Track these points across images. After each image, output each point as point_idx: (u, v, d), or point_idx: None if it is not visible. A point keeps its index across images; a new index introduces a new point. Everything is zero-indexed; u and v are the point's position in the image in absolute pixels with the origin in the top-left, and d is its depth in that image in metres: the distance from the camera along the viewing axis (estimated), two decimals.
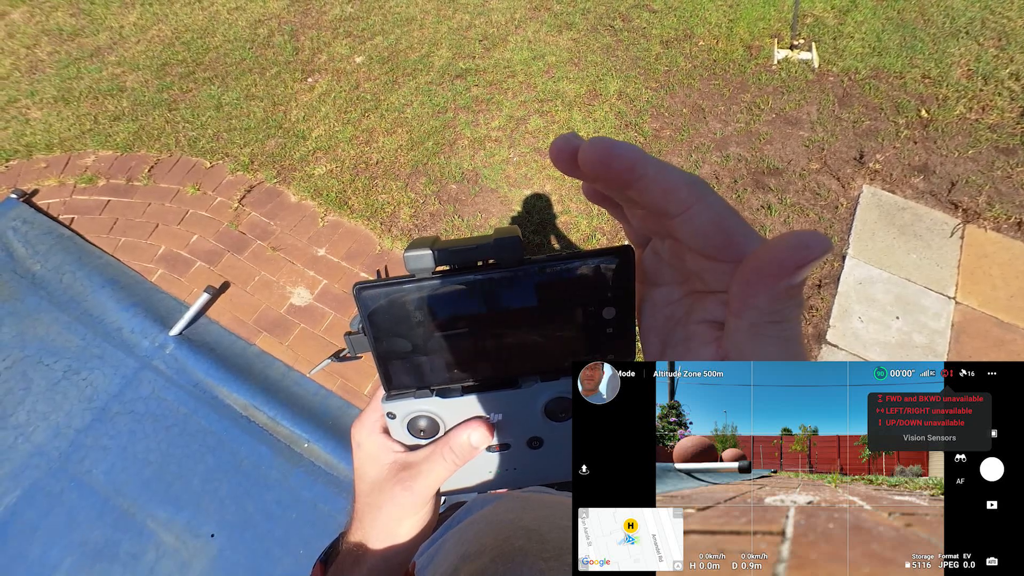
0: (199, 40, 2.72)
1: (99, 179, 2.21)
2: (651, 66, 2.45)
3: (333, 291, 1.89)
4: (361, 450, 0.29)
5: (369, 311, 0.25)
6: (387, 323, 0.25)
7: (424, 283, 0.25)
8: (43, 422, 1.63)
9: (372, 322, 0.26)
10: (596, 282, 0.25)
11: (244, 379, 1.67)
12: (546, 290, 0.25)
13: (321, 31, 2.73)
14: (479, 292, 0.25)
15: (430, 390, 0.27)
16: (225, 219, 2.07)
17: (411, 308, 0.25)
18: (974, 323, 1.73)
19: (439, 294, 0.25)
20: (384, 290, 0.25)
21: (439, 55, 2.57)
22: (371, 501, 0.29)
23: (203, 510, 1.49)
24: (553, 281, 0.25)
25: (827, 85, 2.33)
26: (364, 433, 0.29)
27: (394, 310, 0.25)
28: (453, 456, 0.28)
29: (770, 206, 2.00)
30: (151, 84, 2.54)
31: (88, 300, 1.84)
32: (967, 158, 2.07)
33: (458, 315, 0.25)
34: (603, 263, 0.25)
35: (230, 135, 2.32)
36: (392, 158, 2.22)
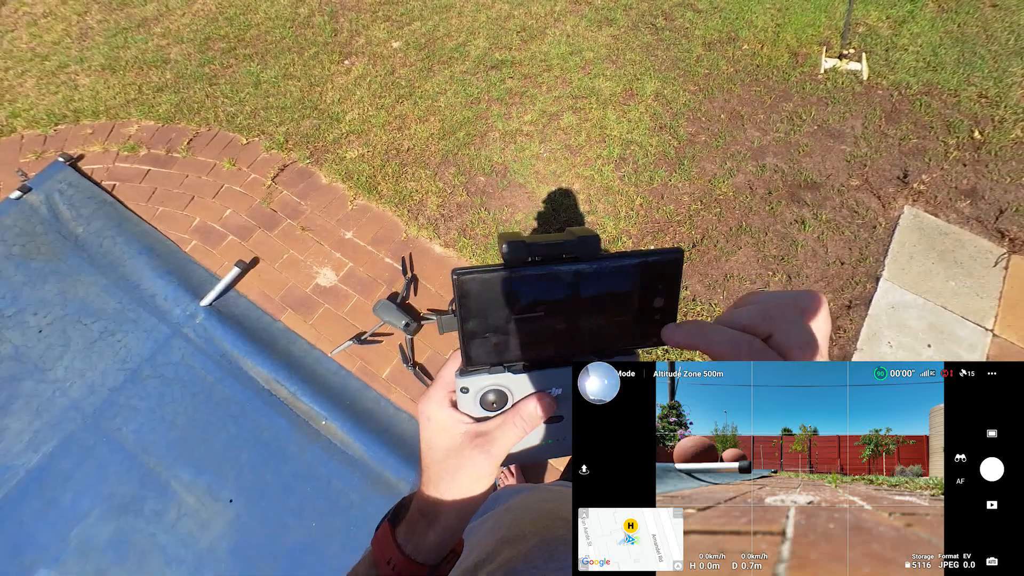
0: (242, 16, 2.76)
1: (141, 148, 2.28)
2: (691, 68, 2.39)
3: (358, 274, 1.93)
4: (431, 423, 0.32)
5: (462, 294, 0.28)
6: (476, 305, 0.29)
7: (515, 271, 0.28)
8: (79, 379, 1.71)
9: (463, 304, 0.29)
10: (651, 275, 0.29)
11: (268, 353, 1.72)
12: (612, 280, 0.29)
13: (360, 13, 2.74)
14: (560, 281, 0.29)
15: (503, 366, 0.31)
16: (258, 196, 2.12)
17: (499, 293, 0.28)
18: (1011, 358, 1.66)
19: (526, 281, 0.28)
20: (479, 276, 0.28)
21: (476, 44, 2.55)
22: (447, 466, 0.31)
23: (223, 475, 1.55)
24: (619, 273, 0.29)
25: (875, 99, 2.24)
26: (433, 407, 0.32)
27: (484, 294, 0.28)
28: (523, 423, 0.31)
29: (804, 221, 1.95)
30: (194, 57, 2.59)
31: (126, 265, 1.91)
32: (1020, 185, 1.97)
33: (537, 300, 0.29)
34: (658, 260, 0.29)
35: (267, 113, 2.35)
36: (423, 146, 2.23)
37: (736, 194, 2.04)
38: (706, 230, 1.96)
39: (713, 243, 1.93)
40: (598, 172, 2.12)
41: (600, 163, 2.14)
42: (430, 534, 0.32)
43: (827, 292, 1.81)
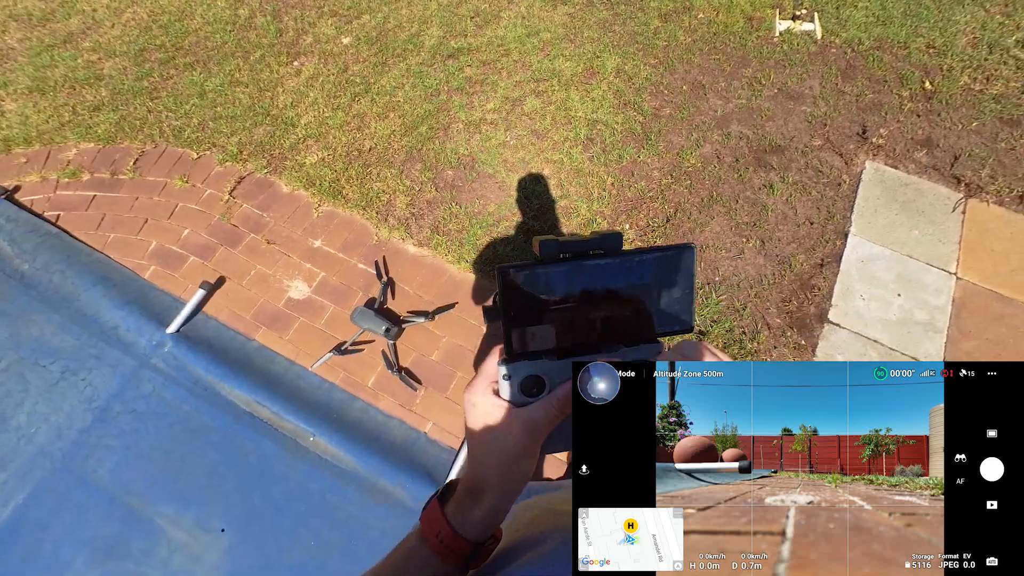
0: (177, 23, 2.60)
1: (83, 173, 2.14)
2: (650, 41, 2.37)
3: (331, 283, 1.86)
4: (476, 408, 0.35)
5: (505, 287, 0.32)
6: (516, 297, 0.33)
7: (551, 266, 0.32)
8: (44, 423, 1.62)
9: (505, 296, 0.32)
10: (668, 267, 0.33)
11: (245, 375, 1.66)
12: (635, 272, 0.33)
13: (305, 10, 2.61)
14: (589, 274, 0.33)
15: (541, 354, 0.34)
16: (216, 212, 2.02)
17: (536, 285, 0.32)
18: (975, 298, 1.73)
19: (559, 275, 0.32)
20: (519, 271, 0.32)
21: (430, 34, 2.47)
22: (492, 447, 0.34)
23: (211, 505, 1.50)
24: (641, 266, 0.33)
25: (830, 57, 2.27)
26: (477, 395, 0.35)
27: (524, 287, 0.32)
28: (560, 406, 0.34)
29: (772, 185, 1.97)
30: (130, 71, 2.43)
31: (81, 299, 1.80)
32: (971, 131, 2.04)
33: (570, 292, 0.33)
34: (674, 253, 0.33)
35: (216, 124, 2.23)
36: (385, 144, 2.16)
37: (704, 164, 2.04)
38: (678, 203, 1.97)
39: (686, 216, 1.94)
40: (567, 155, 2.09)
41: (568, 146, 2.11)
42: (476, 511, 0.34)
43: (800, 252, 1.85)
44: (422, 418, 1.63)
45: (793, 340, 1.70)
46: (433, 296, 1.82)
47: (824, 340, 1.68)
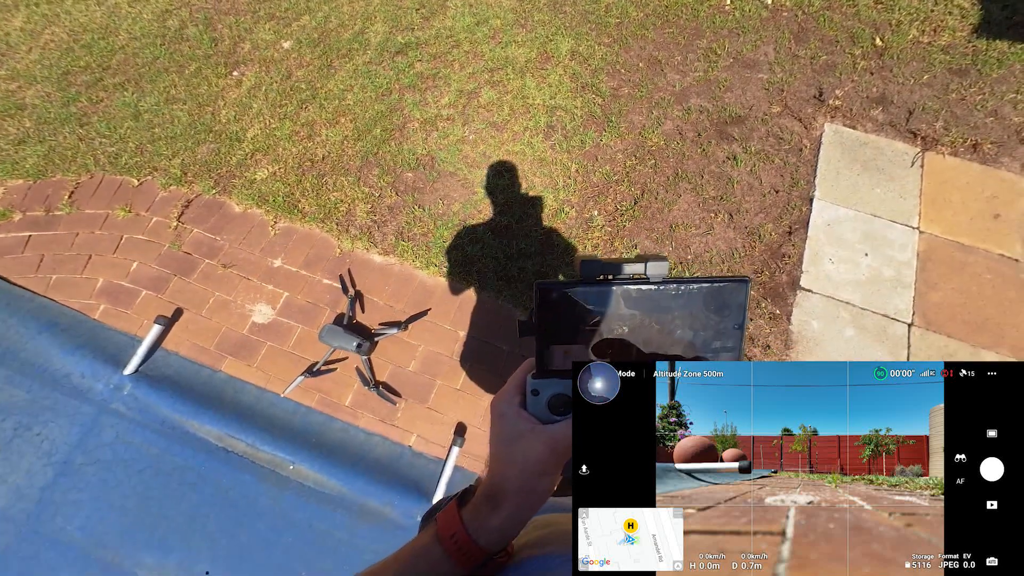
0: (101, 41, 2.42)
1: (14, 213, 1.99)
2: (602, 19, 2.32)
3: (296, 303, 1.79)
4: (503, 418, 0.35)
5: (542, 303, 0.32)
6: (553, 314, 0.32)
7: (591, 287, 0.32)
8: (2, 485, 1.52)
9: (542, 312, 0.32)
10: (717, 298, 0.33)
11: (215, 408, 1.58)
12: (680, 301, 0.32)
13: (239, 16, 2.46)
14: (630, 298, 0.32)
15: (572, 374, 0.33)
16: (165, 240, 1.90)
17: (574, 305, 0.32)
18: (938, 250, 1.76)
19: (599, 297, 0.32)
20: (558, 288, 0.32)
21: (374, 30, 2.36)
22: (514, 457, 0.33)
23: (193, 548, 1.43)
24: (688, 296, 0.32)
25: (782, 21, 2.26)
26: (504, 404, 0.35)
27: (561, 304, 0.32)
28: None
29: (735, 157, 1.96)
30: (54, 98, 2.26)
31: (27, 349, 1.69)
32: (922, 84, 2.06)
33: (609, 314, 0.32)
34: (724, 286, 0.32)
35: (155, 146, 2.10)
36: (339, 151, 2.06)
37: (667, 142, 2.02)
38: (645, 184, 1.94)
39: (654, 196, 1.92)
40: (528, 145, 2.03)
41: (528, 135, 2.06)
42: (493, 519, 0.34)
43: (768, 222, 1.85)
44: (405, 431, 1.59)
45: (768, 310, 1.70)
46: (404, 305, 1.76)
47: (798, 307, 1.69)
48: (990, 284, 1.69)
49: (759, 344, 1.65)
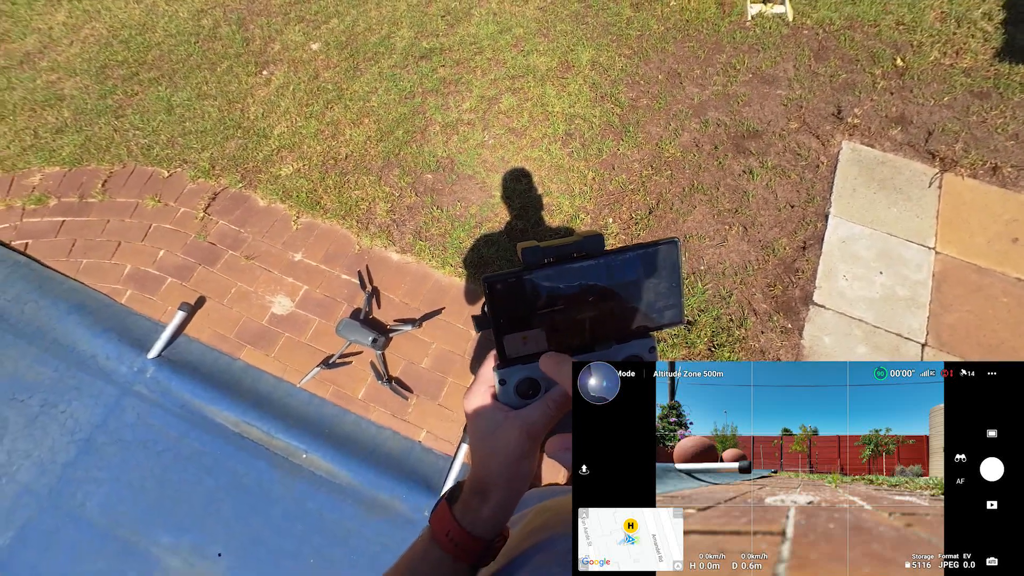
0: (138, 37, 2.52)
1: (49, 198, 2.07)
2: (623, 32, 2.36)
3: (315, 296, 1.83)
4: (476, 413, 0.36)
5: (492, 297, 0.33)
6: (505, 305, 0.33)
7: (535, 272, 0.33)
8: (26, 460, 1.57)
9: (493, 305, 0.33)
10: (653, 263, 0.34)
11: (233, 395, 1.63)
12: (620, 271, 0.34)
13: (271, 17, 2.55)
14: (574, 276, 0.33)
15: (534, 357, 0.34)
16: (192, 231, 1.97)
17: (523, 292, 0.33)
18: (954, 271, 1.76)
19: (545, 280, 0.33)
20: (505, 279, 0.33)
21: (400, 35, 2.43)
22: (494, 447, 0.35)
23: (207, 531, 1.47)
24: (625, 264, 0.34)
25: (802, 39, 2.28)
26: (476, 400, 0.36)
27: (510, 294, 0.33)
28: (556, 406, 0.35)
29: (752, 171, 1.98)
30: (92, 90, 2.35)
31: (56, 329, 1.75)
32: (943, 105, 2.06)
33: (557, 296, 0.33)
34: (657, 249, 0.33)
35: (186, 139, 2.18)
36: (362, 151, 2.12)
37: (684, 154, 2.04)
38: (660, 194, 1.97)
39: (669, 206, 1.94)
40: (546, 152, 2.07)
41: (547, 142, 2.09)
42: (484, 509, 0.35)
43: (782, 236, 1.86)
44: (415, 427, 1.62)
45: (780, 324, 1.71)
46: (419, 303, 1.80)
47: (810, 322, 1.70)
48: (1006, 308, 1.68)
49: (770, 358, 1.66)
